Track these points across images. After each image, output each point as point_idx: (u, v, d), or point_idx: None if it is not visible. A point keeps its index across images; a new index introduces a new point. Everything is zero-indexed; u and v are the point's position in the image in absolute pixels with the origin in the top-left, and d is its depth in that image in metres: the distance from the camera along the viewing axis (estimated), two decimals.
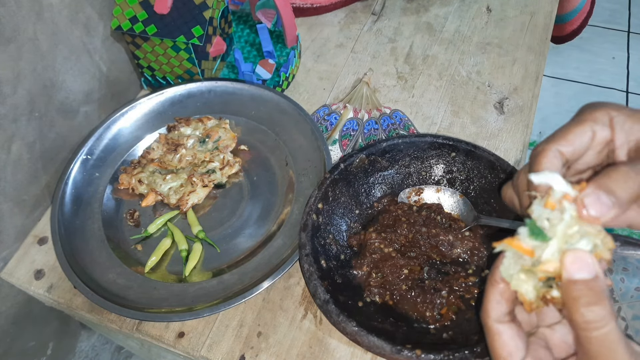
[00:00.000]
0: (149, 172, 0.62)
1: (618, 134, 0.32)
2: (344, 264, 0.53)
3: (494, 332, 0.30)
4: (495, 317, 0.30)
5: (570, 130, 0.32)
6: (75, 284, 0.52)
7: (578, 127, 0.32)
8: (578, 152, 0.32)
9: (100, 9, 0.63)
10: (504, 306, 0.30)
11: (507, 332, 0.30)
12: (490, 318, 0.30)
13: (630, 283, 0.57)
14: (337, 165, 0.55)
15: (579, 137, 0.32)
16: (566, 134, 0.32)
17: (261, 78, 0.69)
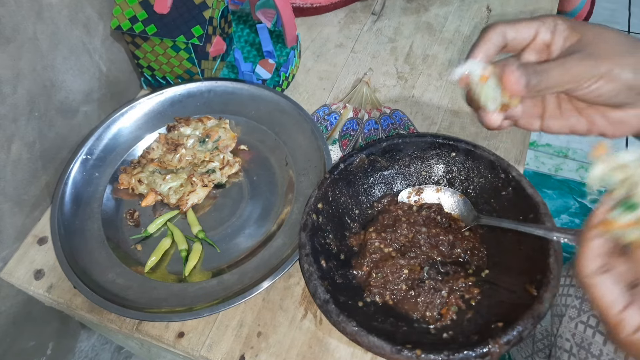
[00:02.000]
0: (149, 172, 0.62)
1: (557, 39, 0.38)
2: (344, 264, 0.53)
3: (591, 286, 0.31)
4: (590, 272, 0.31)
5: (521, 22, 0.39)
6: (75, 284, 0.52)
7: (527, 22, 0.39)
8: (519, 41, 0.39)
9: (100, 8, 0.63)
10: (598, 261, 0.31)
11: (605, 282, 0.31)
12: (585, 275, 0.31)
13: None
14: (337, 165, 0.55)
15: (524, 29, 0.38)
16: (516, 23, 0.39)
17: (261, 78, 0.69)
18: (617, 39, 0.37)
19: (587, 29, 0.37)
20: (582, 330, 0.59)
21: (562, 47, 0.39)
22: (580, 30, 0.37)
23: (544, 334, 0.71)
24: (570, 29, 0.38)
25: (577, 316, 0.60)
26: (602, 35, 0.37)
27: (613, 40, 0.36)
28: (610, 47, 0.36)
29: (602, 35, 0.37)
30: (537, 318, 0.42)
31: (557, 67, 0.36)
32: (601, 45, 0.36)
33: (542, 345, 0.73)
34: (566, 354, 0.60)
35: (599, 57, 0.36)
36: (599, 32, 0.37)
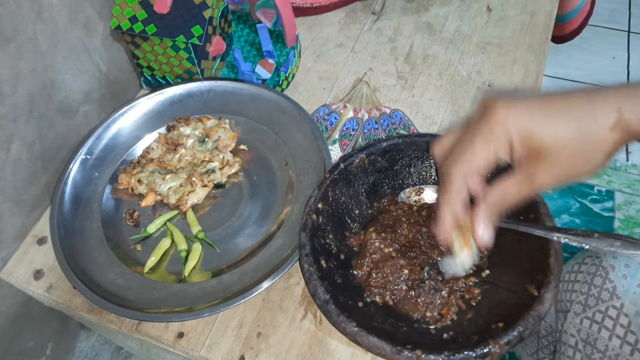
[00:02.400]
0: (149, 172, 0.62)
1: (515, 152, 0.37)
2: (344, 264, 0.53)
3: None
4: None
5: (476, 155, 0.38)
6: (74, 284, 0.52)
7: (483, 151, 0.37)
8: (482, 172, 0.39)
9: (100, 8, 0.63)
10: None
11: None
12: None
13: (633, 279, 0.57)
14: (337, 165, 0.55)
15: (483, 162, 0.38)
16: (472, 160, 0.38)
17: (261, 78, 0.69)
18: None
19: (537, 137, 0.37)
20: (587, 326, 0.59)
21: (518, 155, 0.38)
22: (531, 139, 0.37)
23: (548, 330, 0.71)
24: (528, 131, 0.36)
25: (582, 312, 0.60)
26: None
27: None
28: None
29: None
30: (537, 318, 0.42)
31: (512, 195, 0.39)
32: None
33: (547, 341, 0.73)
34: (571, 350, 0.60)
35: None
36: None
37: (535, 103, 0.36)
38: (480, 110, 0.39)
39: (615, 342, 0.55)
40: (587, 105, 0.35)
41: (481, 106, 0.39)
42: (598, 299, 0.59)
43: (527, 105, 0.36)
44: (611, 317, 0.57)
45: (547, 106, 0.36)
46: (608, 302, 0.58)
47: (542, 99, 0.37)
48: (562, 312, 0.64)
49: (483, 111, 0.38)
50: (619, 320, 0.56)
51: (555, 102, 0.36)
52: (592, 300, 0.59)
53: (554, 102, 0.36)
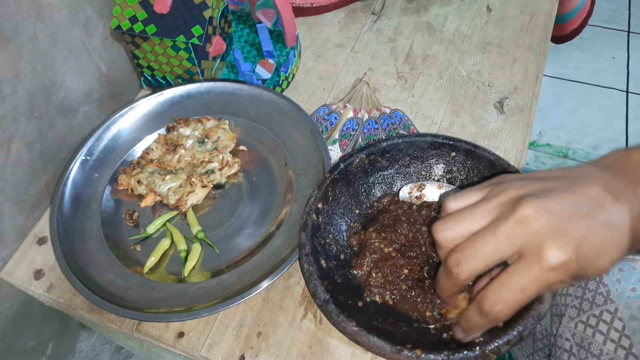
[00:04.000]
0: (148, 173, 0.62)
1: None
2: (344, 263, 0.53)
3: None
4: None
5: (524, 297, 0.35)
6: (74, 284, 0.52)
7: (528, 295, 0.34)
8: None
9: (100, 8, 0.63)
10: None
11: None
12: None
13: (627, 283, 0.57)
14: (337, 165, 0.55)
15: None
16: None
17: (261, 78, 0.69)
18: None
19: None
20: (582, 330, 0.59)
21: None
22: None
23: (543, 333, 0.71)
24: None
25: (577, 316, 0.60)
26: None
27: None
28: None
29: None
30: (537, 318, 0.42)
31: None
32: None
33: (542, 344, 0.73)
34: (566, 354, 0.60)
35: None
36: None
37: (587, 245, 0.32)
38: (518, 224, 0.33)
39: (609, 346, 0.55)
40: (635, 207, 0.33)
41: (519, 220, 0.33)
42: (592, 303, 0.59)
43: (582, 234, 0.32)
44: (605, 321, 0.57)
45: (595, 245, 0.32)
46: (602, 306, 0.58)
47: (592, 236, 0.32)
48: (557, 316, 0.64)
49: (523, 231, 0.32)
50: (613, 324, 0.56)
51: (599, 238, 0.32)
52: (586, 304, 0.59)
53: (599, 238, 0.32)
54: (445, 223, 0.36)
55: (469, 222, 0.35)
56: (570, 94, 1.76)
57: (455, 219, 0.36)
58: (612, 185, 0.34)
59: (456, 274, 0.35)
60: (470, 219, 0.35)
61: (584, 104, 1.72)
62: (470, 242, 0.34)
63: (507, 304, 0.33)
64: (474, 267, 0.34)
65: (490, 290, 0.34)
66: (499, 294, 0.33)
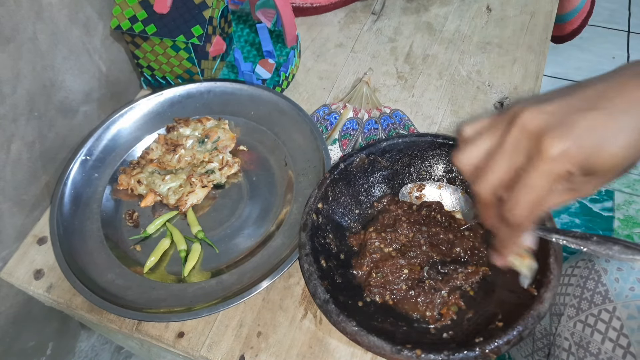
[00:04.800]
0: (148, 173, 0.62)
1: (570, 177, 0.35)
2: (344, 263, 0.53)
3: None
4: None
5: (545, 204, 0.36)
6: (74, 284, 0.52)
7: (553, 200, 0.36)
8: None
9: (100, 8, 0.63)
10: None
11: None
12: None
13: (625, 283, 0.57)
14: (337, 164, 0.55)
15: (553, 207, 0.36)
16: (541, 209, 0.36)
17: (261, 78, 0.69)
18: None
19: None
20: (580, 329, 0.59)
21: None
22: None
23: (542, 332, 0.71)
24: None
25: (576, 315, 0.60)
26: None
27: None
28: None
29: None
30: (537, 318, 0.42)
31: None
32: None
33: (541, 344, 0.73)
34: (565, 353, 0.60)
35: None
36: None
37: (590, 126, 0.32)
38: (518, 130, 0.34)
39: (608, 345, 0.55)
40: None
41: (523, 130, 0.34)
42: (591, 302, 0.59)
43: (583, 132, 0.32)
44: (604, 320, 0.57)
45: (601, 124, 0.32)
46: (600, 305, 0.58)
47: (591, 116, 0.33)
48: (556, 316, 0.64)
49: (533, 140, 0.33)
50: (611, 324, 0.56)
51: (605, 116, 0.33)
52: (585, 304, 0.59)
53: (603, 116, 0.33)
54: (461, 149, 0.38)
55: (481, 144, 0.37)
56: None
57: (469, 143, 0.38)
58: (624, 76, 0.34)
59: (479, 192, 0.37)
60: (481, 141, 0.37)
61: None
62: (485, 161, 0.36)
63: (524, 206, 0.35)
64: (489, 181, 0.36)
65: (509, 197, 0.36)
66: (515, 199, 0.35)
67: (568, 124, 0.33)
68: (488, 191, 0.36)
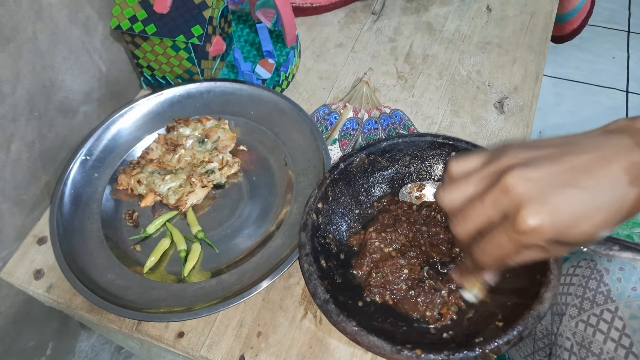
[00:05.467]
0: (148, 173, 0.62)
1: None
2: (344, 263, 0.53)
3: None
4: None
5: (509, 261, 0.37)
6: (74, 284, 0.52)
7: (517, 259, 0.37)
8: None
9: (100, 8, 0.63)
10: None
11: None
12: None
13: (627, 283, 0.57)
14: (337, 164, 0.55)
15: (514, 264, 0.38)
16: (504, 263, 0.38)
17: (261, 77, 0.69)
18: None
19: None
20: (582, 329, 0.59)
21: None
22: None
23: (544, 332, 0.71)
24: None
25: (578, 315, 0.60)
26: None
27: None
28: None
29: None
30: (537, 318, 0.42)
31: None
32: None
33: (542, 344, 0.73)
34: (567, 353, 0.60)
35: None
36: None
37: (568, 201, 0.33)
38: (501, 192, 0.35)
39: (610, 345, 0.55)
40: (626, 174, 0.33)
41: (502, 188, 0.35)
42: (593, 302, 0.59)
43: (559, 208, 0.33)
44: (606, 320, 0.57)
45: (581, 201, 0.33)
46: (603, 305, 0.58)
47: (571, 187, 0.34)
48: (557, 315, 0.64)
49: (505, 197, 0.35)
50: (613, 324, 0.56)
51: (586, 194, 0.33)
52: (587, 304, 0.59)
53: (585, 193, 0.33)
54: (445, 189, 0.40)
55: (465, 188, 0.39)
56: (570, 94, 1.76)
57: (454, 185, 0.40)
58: (610, 149, 0.35)
59: (454, 231, 0.40)
60: (465, 185, 0.39)
61: (584, 104, 1.72)
62: (465, 206, 0.38)
63: (489, 257, 0.37)
64: (466, 227, 0.38)
65: (480, 243, 0.38)
66: (484, 247, 0.37)
67: (547, 199, 0.34)
68: (464, 234, 0.39)
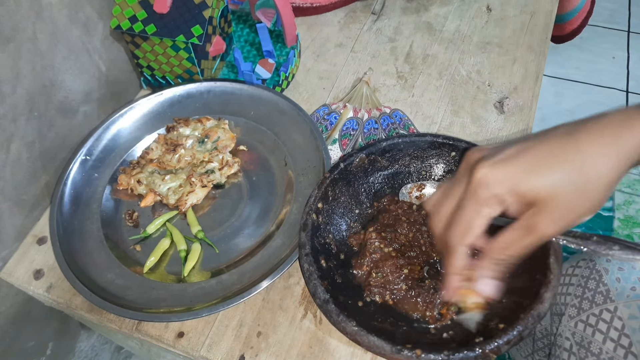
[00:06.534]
0: (148, 173, 0.62)
1: (511, 208, 0.38)
2: (344, 263, 0.53)
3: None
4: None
5: (472, 224, 0.38)
6: (73, 284, 0.52)
7: (478, 219, 0.38)
8: (480, 233, 0.39)
9: (100, 8, 0.63)
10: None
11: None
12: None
13: (626, 282, 0.57)
14: (337, 164, 0.55)
15: (479, 228, 0.38)
16: (469, 229, 0.38)
17: (261, 77, 0.69)
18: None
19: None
20: (581, 329, 0.59)
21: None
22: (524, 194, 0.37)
23: (543, 332, 0.71)
24: (516, 195, 0.37)
25: (577, 315, 0.60)
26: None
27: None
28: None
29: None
30: (537, 318, 0.42)
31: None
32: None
33: (542, 344, 0.73)
34: (566, 353, 0.60)
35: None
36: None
37: (519, 157, 0.36)
38: (464, 169, 0.39)
39: (609, 345, 0.55)
40: (572, 149, 0.35)
41: (465, 165, 0.39)
42: (592, 302, 0.59)
43: (510, 162, 0.36)
44: (605, 320, 0.57)
45: (531, 159, 0.36)
46: (602, 305, 0.58)
47: (525, 150, 0.36)
48: (557, 315, 0.64)
49: (468, 172, 0.38)
50: (612, 324, 0.56)
51: (539, 153, 0.36)
52: (586, 304, 0.59)
53: (537, 153, 0.36)
54: (432, 219, 0.42)
55: (446, 207, 0.40)
56: (570, 94, 1.76)
57: (435, 211, 0.42)
58: (573, 134, 0.36)
59: (430, 227, 0.42)
60: (445, 205, 0.40)
61: (584, 104, 1.72)
62: (452, 214, 0.40)
63: (456, 227, 0.39)
64: (439, 215, 0.41)
65: (450, 225, 0.40)
66: (451, 222, 0.39)
67: (503, 156, 0.36)
68: (438, 224, 0.41)
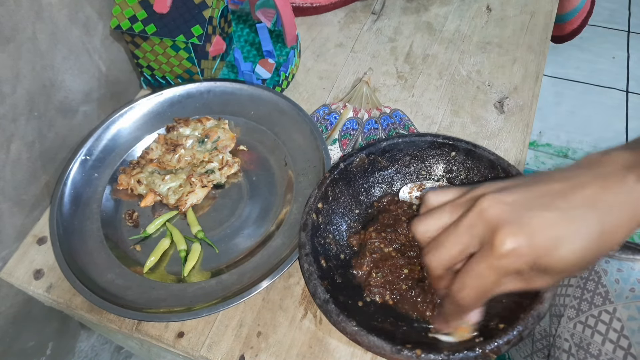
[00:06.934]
0: (148, 173, 0.62)
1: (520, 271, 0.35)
2: (344, 263, 0.53)
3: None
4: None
5: (489, 294, 0.36)
6: (73, 284, 0.52)
7: (497, 290, 0.35)
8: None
9: (100, 8, 0.63)
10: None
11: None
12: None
13: (625, 284, 0.57)
14: (337, 164, 0.55)
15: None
16: (485, 297, 0.36)
17: (261, 77, 0.69)
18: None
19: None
20: (580, 331, 0.59)
21: None
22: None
23: (542, 334, 0.71)
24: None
25: (576, 316, 0.60)
26: None
27: None
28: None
29: None
30: (537, 318, 0.42)
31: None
32: None
33: (541, 345, 0.73)
34: (565, 354, 0.60)
35: None
36: None
37: (548, 221, 0.32)
38: (476, 216, 0.35)
39: (608, 346, 0.55)
40: (602, 199, 0.32)
41: (477, 212, 0.34)
42: (591, 303, 0.59)
43: (539, 227, 0.32)
44: (604, 321, 0.57)
45: (559, 229, 0.32)
46: (601, 306, 0.58)
47: (545, 199, 0.33)
48: (555, 317, 0.64)
49: (480, 221, 0.34)
50: (611, 325, 0.56)
51: (565, 202, 0.33)
52: (585, 305, 0.59)
53: (562, 201, 0.33)
54: (420, 219, 0.39)
55: (440, 218, 0.38)
56: (570, 94, 1.76)
57: (428, 215, 0.39)
58: (583, 178, 0.34)
59: (428, 263, 0.38)
60: (440, 214, 0.38)
61: (584, 104, 1.72)
62: (438, 235, 0.38)
63: (470, 290, 0.35)
64: (440, 256, 0.37)
65: (457, 278, 0.36)
66: (463, 281, 0.36)
67: (523, 220, 0.33)
68: (438, 265, 0.37)
